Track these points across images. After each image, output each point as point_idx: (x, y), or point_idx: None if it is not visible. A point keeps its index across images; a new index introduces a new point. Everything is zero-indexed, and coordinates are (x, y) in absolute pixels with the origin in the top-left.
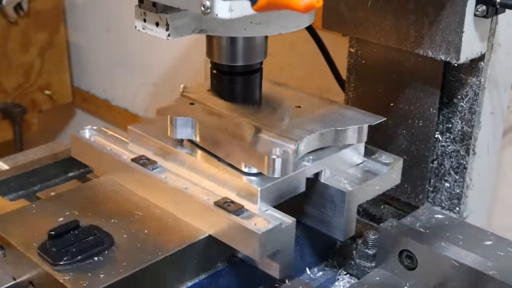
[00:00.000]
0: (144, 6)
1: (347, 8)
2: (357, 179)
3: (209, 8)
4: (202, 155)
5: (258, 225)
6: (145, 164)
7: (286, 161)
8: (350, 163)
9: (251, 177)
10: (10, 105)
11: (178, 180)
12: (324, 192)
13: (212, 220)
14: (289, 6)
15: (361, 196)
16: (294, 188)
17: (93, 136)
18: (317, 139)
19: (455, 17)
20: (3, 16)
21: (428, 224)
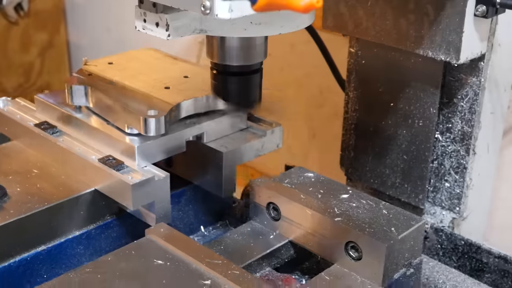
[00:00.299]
0: (144, 6)
1: (347, 8)
2: (236, 142)
3: (209, 9)
4: (96, 120)
5: (133, 178)
6: (46, 129)
7: (159, 121)
8: (233, 128)
9: (132, 137)
10: None
11: (73, 143)
12: (206, 153)
13: (96, 175)
14: (289, 6)
15: (240, 157)
16: (174, 148)
17: (7, 106)
18: (192, 103)
19: (455, 17)
20: (3, 16)
21: (296, 181)
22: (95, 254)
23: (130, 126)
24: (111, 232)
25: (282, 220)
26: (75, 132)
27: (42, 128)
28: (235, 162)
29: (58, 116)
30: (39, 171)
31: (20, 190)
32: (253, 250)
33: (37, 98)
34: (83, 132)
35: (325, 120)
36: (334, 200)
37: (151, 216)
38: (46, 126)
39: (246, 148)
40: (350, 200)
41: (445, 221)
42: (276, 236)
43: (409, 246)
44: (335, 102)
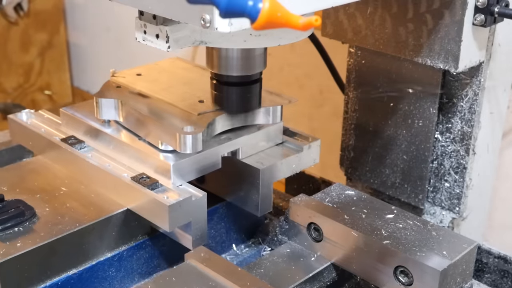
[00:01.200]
0: (145, 18)
1: (346, 16)
2: (272, 157)
3: (209, 22)
4: (126, 135)
5: (169, 198)
6: (73, 144)
7: (196, 138)
8: (268, 142)
9: (167, 154)
10: (10, 105)
11: (102, 159)
12: (241, 170)
13: (129, 194)
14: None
15: (276, 173)
16: (209, 165)
17: (30, 119)
18: (229, 118)
19: (454, 26)
20: (3, 16)
21: (337, 200)
22: (127, 276)
23: (164, 143)
24: (143, 253)
25: (324, 241)
26: (104, 148)
27: (69, 143)
28: (272, 179)
29: (85, 130)
30: (67, 189)
31: (49, 210)
32: (295, 274)
33: (63, 111)
34: (113, 147)
35: (325, 120)
36: (380, 220)
37: (187, 238)
38: (73, 140)
39: (283, 165)
40: (396, 221)
41: (445, 221)
42: (317, 258)
43: (461, 270)
44: (335, 102)
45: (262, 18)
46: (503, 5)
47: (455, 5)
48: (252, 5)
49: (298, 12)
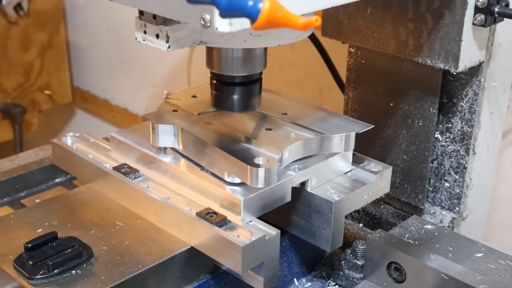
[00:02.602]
0: (145, 18)
1: (346, 16)
2: (344, 188)
3: (209, 22)
4: (185, 164)
5: (241, 237)
6: (127, 173)
7: (269, 171)
8: (337, 171)
9: (234, 187)
10: (10, 105)
11: (160, 190)
12: (311, 202)
13: (194, 231)
14: (288, 25)
15: (349, 206)
16: (279, 198)
17: (75, 143)
18: (302, 147)
19: (454, 26)
20: (3, 16)
21: (417, 235)
22: None
23: (231, 175)
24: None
25: (408, 283)
26: (161, 178)
27: (122, 172)
28: (344, 212)
29: (139, 157)
30: (123, 224)
31: (106, 249)
32: None
33: (113, 136)
34: (171, 177)
35: None
36: (468, 260)
37: (258, 279)
38: (127, 169)
39: (355, 196)
40: (486, 260)
41: (445, 221)
42: None
43: None
44: (335, 102)
45: (262, 18)
46: (503, 5)
47: (455, 5)
48: (252, 5)
49: (298, 12)
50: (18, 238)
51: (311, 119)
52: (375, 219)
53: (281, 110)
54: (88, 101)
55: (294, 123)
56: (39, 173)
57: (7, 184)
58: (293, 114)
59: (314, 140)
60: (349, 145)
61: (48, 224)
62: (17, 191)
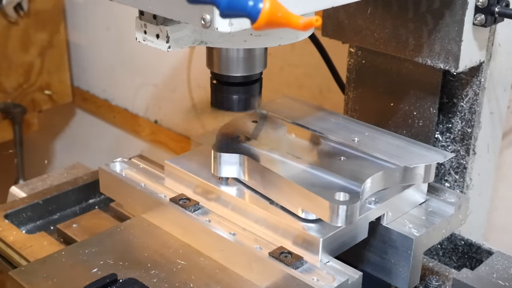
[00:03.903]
0: (145, 18)
1: (347, 16)
2: (422, 221)
3: (209, 22)
4: (251, 196)
5: (321, 280)
6: (186, 205)
7: (352, 209)
8: (412, 203)
9: (310, 224)
10: (10, 105)
11: (224, 224)
12: (387, 237)
13: (266, 273)
14: (288, 25)
15: (428, 241)
16: (357, 235)
17: (125, 169)
18: (383, 179)
19: (454, 26)
20: (3, 16)
21: (506, 275)
22: None
23: (306, 210)
24: None
25: None
26: (224, 210)
27: (181, 204)
28: (422, 248)
29: (196, 187)
30: (185, 262)
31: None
32: None
33: (168, 164)
34: (235, 210)
35: None
36: None
37: None
38: (185, 201)
39: (434, 231)
40: None
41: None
42: None
43: None
44: (335, 102)
45: (263, 18)
46: (504, 5)
47: (456, 5)
48: (252, 5)
49: (298, 12)
50: (73, 279)
51: (386, 146)
52: None
53: (350, 136)
54: (88, 101)
55: (368, 151)
56: (73, 194)
57: (40, 206)
58: (364, 141)
59: (396, 171)
60: (429, 175)
61: (104, 263)
62: (50, 213)
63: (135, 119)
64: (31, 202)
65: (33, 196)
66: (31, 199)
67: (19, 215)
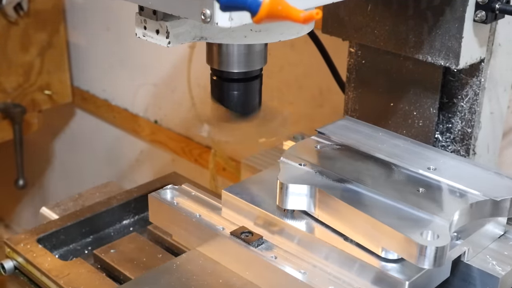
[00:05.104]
0: (145, 13)
1: (347, 13)
2: (505, 257)
3: (209, 17)
4: (322, 231)
5: None
6: (249, 240)
7: (442, 250)
8: (493, 236)
9: (391, 264)
10: (10, 105)
11: (292, 261)
12: (468, 275)
13: None
14: (289, 18)
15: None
16: (440, 276)
17: (176, 197)
18: (470, 213)
19: (454, 22)
20: (3, 16)
21: None
22: None
23: (387, 249)
24: None
25: None
26: (290, 246)
27: (243, 238)
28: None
29: (258, 219)
30: None
31: None
32: None
33: (226, 193)
34: (303, 246)
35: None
36: None
37: None
38: (247, 235)
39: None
40: None
41: None
42: None
43: None
44: (335, 102)
45: (263, 11)
46: (504, 1)
47: (456, 2)
48: None
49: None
50: None
51: (466, 176)
52: None
53: (425, 164)
54: (88, 101)
55: (448, 182)
56: (107, 215)
57: (73, 228)
58: (442, 170)
59: (485, 203)
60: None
61: None
62: (83, 236)
63: (135, 119)
64: (64, 224)
65: (65, 218)
66: (63, 222)
67: (52, 239)
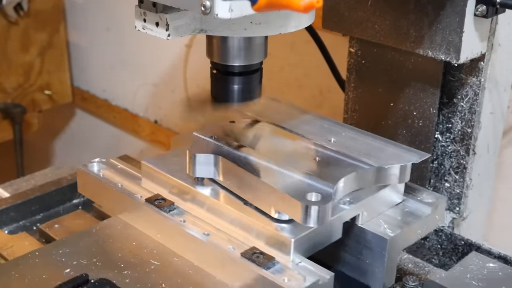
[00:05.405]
0: (144, 6)
1: (347, 8)
2: (397, 222)
3: (209, 8)
4: (226, 197)
5: (291, 281)
6: (161, 205)
7: (324, 209)
8: (389, 203)
9: (282, 225)
10: (10, 105)
11: (198, 225)
12: (362, 238)
13: (238, 273)
14: (289, 6)
15: (403, 242)
16: (330, 236)
17: (102, 170)
18: (356, 180)
19: (455, 17)
20: (3, 16)
21: (480, 275)
22: None
23: (279, 211)
24: None
25: None
26: (199, 211)
27: (156, 204)
28: (397, 249)
29: (172, 188)
30: (158, 263)
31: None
32: None
33: (145, 164)
34: (210, 211)
35: None
36: None
37: None
38: (161, 201)
39: (409, 232)
40: None
41: (445, 221)
42: None
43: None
44: (335, 102)
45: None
46: None
47: None
48: None
49: None
50: (45, 280)
51: (361, 147)
52: None
53: (326, 136)
54: (88, 101)
55: (343, 152)
56: (57, 194)
57: (23, 206)
58: (340, 141)
59: (370, 171)
60: (405, 176)
61: (77, 264)
62: (33, 214)
63: (135, 119)
64: (14, 202)
65: (16, 197)
66: (14, 200)
67: (2, 216)
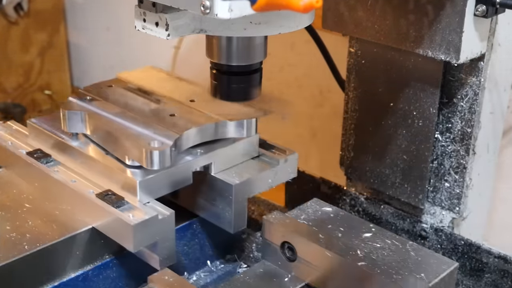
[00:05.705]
0: (144, 6)
1: (347, 8)
2: (248, 172)
3: (208, 8)
4: (93, 149)
5: (134, 217)
6: (39, 158)
7: (163, 154)
8: (244, 156)
9: (134, 170)
10: (10, 105)
11: (68, 174)
12: (214, 185)
13: (94, 212)
14: (288, 6)
15: (250, 188)
16: (179, 181)
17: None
18: (198, 133)
19: (455, 17)
20: (3, 16)
21: (313, 217)
22: None
23: (131, 158)
24: (110, 272)
25: (298, 261)
26: (71, 162)
27: (35, 157)
28: (246, 194)
29: (52, 143)
30: (31, 206)
31: (9, 228)
32: None
33: (30, 123)
34: (80, 162)
35: (325, 120)
36: (356, 239)
37: (154, 258)
38: (40, 154)
39: (258, 179)
40: (373, 240)
41: (445, 221)
42: (291, 278)
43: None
44: (335, 102)
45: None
46: None
47: None
48: None
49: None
50: None
51: (216, 106)
52: (375, 219)
53: (190, 98)
54: None
55: (198, 110)
56: None
57: None
58: (200, 102)
59: (209, 126)
60: (251, 130)
61: None
62: None
63: None
64: None
65: None
66: None
67: None
